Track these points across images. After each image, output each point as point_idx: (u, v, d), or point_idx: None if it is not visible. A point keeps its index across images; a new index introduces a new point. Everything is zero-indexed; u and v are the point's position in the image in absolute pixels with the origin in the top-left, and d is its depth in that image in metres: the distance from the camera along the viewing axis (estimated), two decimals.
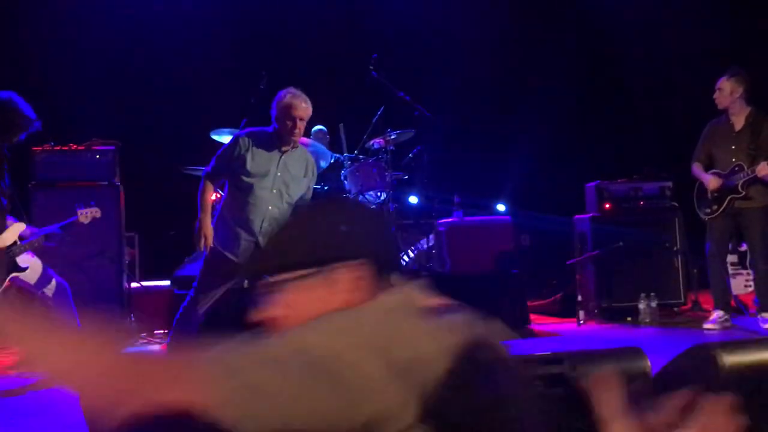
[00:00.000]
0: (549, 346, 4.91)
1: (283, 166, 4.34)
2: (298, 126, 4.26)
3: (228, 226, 4.31)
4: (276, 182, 4.31)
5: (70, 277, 4.74)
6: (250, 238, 4.28)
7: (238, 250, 4.29)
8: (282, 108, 4.24)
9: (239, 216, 4.29)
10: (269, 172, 4.29)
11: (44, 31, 7.71)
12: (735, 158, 5.27)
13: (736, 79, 5.29)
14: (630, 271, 6.07)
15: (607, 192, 6.27)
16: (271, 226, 4.27)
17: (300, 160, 4.45)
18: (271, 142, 4.33)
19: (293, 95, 4.26)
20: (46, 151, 5.57)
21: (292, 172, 4.38)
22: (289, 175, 4.36)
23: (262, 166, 4.28)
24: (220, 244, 4.32)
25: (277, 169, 4.32)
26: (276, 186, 4.31)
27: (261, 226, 4.28)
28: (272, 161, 4.30)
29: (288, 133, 4.25)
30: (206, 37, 8.15)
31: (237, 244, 4.28)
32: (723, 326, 5.30)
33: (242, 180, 4.28)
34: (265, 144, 4.32)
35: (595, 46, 9.02)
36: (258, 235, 4.29)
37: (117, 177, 5.72)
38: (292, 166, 4.38)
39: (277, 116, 4.28)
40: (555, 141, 8.71)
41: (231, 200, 4.36)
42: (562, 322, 6.12)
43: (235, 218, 4.29)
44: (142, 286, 6.26)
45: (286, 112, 4.23)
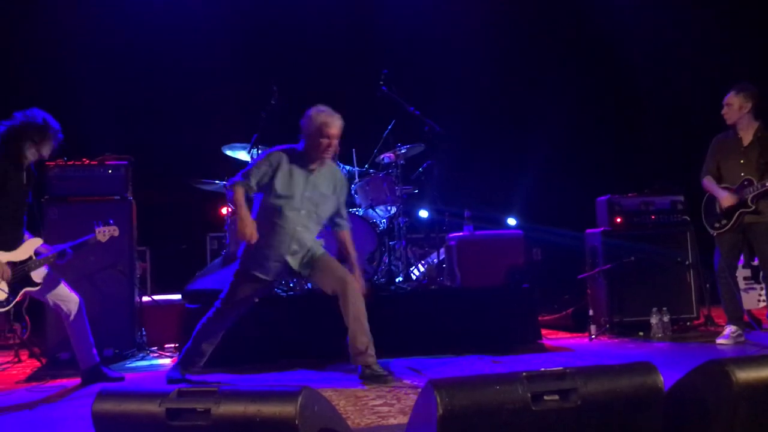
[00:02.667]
0: (560, 361, 4.88)
1: (312, 186, 4.32)
2: (333, 144, 4.23)
3: (258, 247, 4.27)
4: (304, 203, 4.30)
5: (82, 291, 4.76)
6: (280, 259, 4.32)
7: (269, 270, 4.34)
8: (316, 126, 4.19)
9: (268, 238, 4.27)
10: (297, 193, 4.27)
11: (58, 47, 7.80)
12: (744, 173, 5.25)
13: (744, 94, 5.28)
14: (642, 285, 6.04)
15: (618, 206, 6.25)
16: (299, 247, 4.30)
17: (328, 177, 4.40)
18: (301, 161, 4.30)
19: (327, 113, 4.22)
20: (59, 165, 5.61)
21: (321, 190, 4.36)
22: (318, 194, 4.34)
23: (291, 187, 4.26)
24: (250, 265, 4.34)
25: (305, 188, 4.30)
26: (305, 207, 4.31)
27: (290, 247, 4.30)
28: (300, 181, 4.28)
29: (322, 151, 4.22)
30: (218, 52, 8.22)
31: (267, 265, 4.32)
32: (736, 341, 5.26)
33: (271, 199, 4.29)
34: (294, 162, 4.28)
35: (606, 61, 9.03)
36: (286, 256, 4.32)
37: (129, 191, 5.75)
38: (320, 185, 4.35)
39: (310, 134, 4.23)
40: (566, 155, 8.72)
41: (261, 221, 4.30)
42: (574, 337, 6.09)
43: (264, 239, 4.24)
44: (153, 300, 6.28)
45: (320, 131, 4.19)
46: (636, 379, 2.36)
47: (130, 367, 5.36)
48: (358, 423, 3.30)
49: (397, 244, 6.31)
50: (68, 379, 4.78)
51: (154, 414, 2.31)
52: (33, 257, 4.43)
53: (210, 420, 2.26)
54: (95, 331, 4.70)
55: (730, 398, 2.35)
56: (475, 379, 2.34)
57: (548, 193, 8.60)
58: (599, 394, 2.31)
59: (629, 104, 9.28)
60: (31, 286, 4.41)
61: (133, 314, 5.72)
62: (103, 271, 5.55)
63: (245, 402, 2.26)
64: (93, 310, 5.03)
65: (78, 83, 7.71)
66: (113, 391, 2.43)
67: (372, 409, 3.58)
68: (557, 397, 2.30)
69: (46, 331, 5.45)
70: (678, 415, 2.50)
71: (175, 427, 2.29)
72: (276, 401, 2.23)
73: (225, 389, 2.31)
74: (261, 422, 2.22)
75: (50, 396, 4.33)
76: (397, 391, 4.00)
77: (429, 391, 2.24)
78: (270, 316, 5.37)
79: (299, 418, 2.19)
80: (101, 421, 2.37)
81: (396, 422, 3.29)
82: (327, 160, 4.34)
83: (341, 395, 3.93)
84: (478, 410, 2.21)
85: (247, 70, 8.33)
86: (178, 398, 2.33)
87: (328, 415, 2.44)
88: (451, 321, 5.46)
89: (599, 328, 5.99)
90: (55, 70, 7.79)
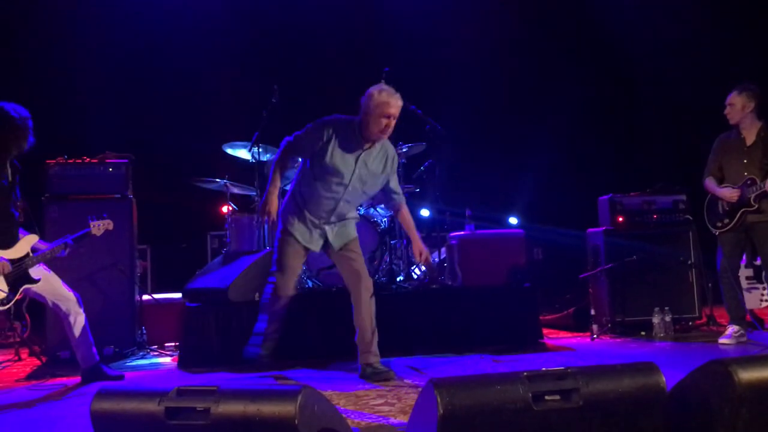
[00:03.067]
0: (562, 361, 4.87)
1: (362, 163, 4.30)
2: (391, 125, 4.19)
3: (300, 212, 4.37)
4: (353, 179, 4.30)
5: (83, 290, 4.75)
6: (321, 227, 4.41)
7: (309, 237, 4.39)
8: (377, 105, 4.14)
9: (311, 205, 4.35)
10: (347, 170, 4.27)
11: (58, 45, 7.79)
12: (747, 172, 5.24)
13: (747, 94, 5.27)
14: (644, 285, 6.03)
15: (620, 205, 6.23)
16: (338, 218, 4.38)
17: (380, 155, 4.37)
18: (355, 136, 4.26)
19: (389, 92, 4.18)
20: (59, 164, 5.60)
21: (371, 168, 4.35)
22: (367, 171, 4.33)
23: (342, 163, 4.24)
24: (289, 226, 4.39)
25: (356, 166, 4.28)
26: (352, 183, 4.31)
27: (330, 218, 4.37)
28: (352, 159, 4.26)
29: (380, 131, 4.19)
30: (219, 51, 8.21)
31: (308, 231, 4.40)
32: (738, 341, 5.25)
33: (319, 171, 4.27)
34: (348, 138, 4.25)
35: (608, 60, 9.01)
36: (326, 226, 4.38)
37: (129, 190, 5.74)
38: (371, 163, 4.34)
39: (369, 112, 4.17)
40: (568, 154, 8.70)
41: (305, 187, 4.36)
42: (576, 337, 6.07)
43: (307, 206, 4.34)
44: (154, 298, 6.27)
45: (381, 110, 4.13)
46: (638, 379, 2.34)
47: (130, 365, 5.35)
48: (358, 422, 3.29)
49: (398, 243, 6.30)
50: (68, 377, 4.77)
51: (153, 413, 2.29)
52: (30, 254, 4.41)
53: (209, 419, 2.25)
54: (95, 330, 4.69)
55: (732, 398, 2.33)
56: (475, 378, 2.32)
57: (550, 192, 8.59)
58: (601, 394, 2.30)
59: (632, 103, 9.27)
60: (29, 283, 4.40)
61: (133, 313, 5.72)
62: (103, 270, 5.55)
63: (245, 401, 2.24)
64: (93, 308, 5.03)
65: (79, 81, 7.71)
66: (112, 390, 2.41)
67: (372, 408, 3.57)
68: (558, 397, 2.29)
69: (46, 329, 5.44)
70: (680, 415, 2.48)
71: (174, 426, 2.28)
72: (276, 401, 2.22)
73: (224, 388, 2.30)
74: (260, 422, 2.20)
75: (50, 394, 4.32)
76: (398, 390, 3.99)
77: (430, 390, 2.22)
78: None
79: (299, 417, 2.17)
80: (100, 420, 2.36)
81: (396, 421, 3.28)
82: (383, 140, 4.31)
83: (341, 395, 3.92)
84: (479, 410, 2.20)
85: (248, 68, 8.33)
86: (178, 397, 2.31)
87: (328, 414, 2.43)
88: (452, 320, 5.45)
89: (601, 327, 5.98)
90: (56, 68, 7.79)
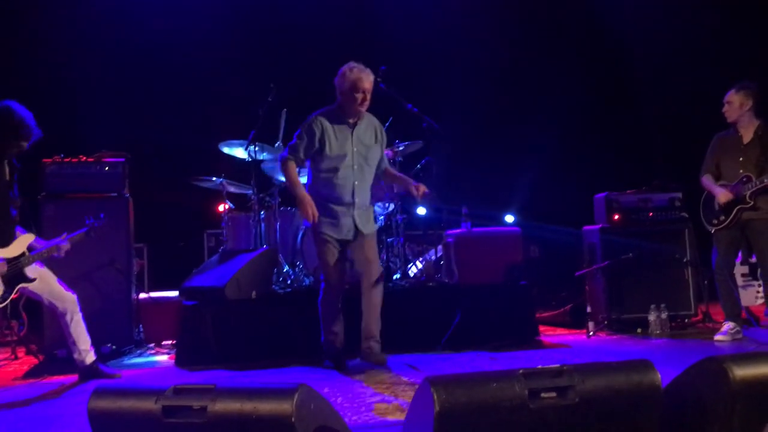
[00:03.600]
0: (558, 358, 4.88)
1: (357, 140, 4.62)
2: (367, 98, 4.53)
3: (324, 208, 4.58)
4: (355, 157, 4.60)
5: (80, 288, 4.75)
6: (348, 214, 4.61)
7: (339, 228, 4.62)
8: (350, 82, 4.48)
9: (332, 198, 4.59)
10: (348, 150, 4.58)
11: (55, 45, 7.77)
12: (743, 169, 5.26)
13: (745, 92, 5.29)
14: (640, 282, 6.04)
15: (616, 203, 6.24)
16: (360, 200, 4.58)
17: (369, 128, 4.71)
18: (340, 118, 4.60)
19: (359, 69, 4.52)
20: (56, 163, 5.59)
21: (366, 142, 4.67)
22: (363, 146, 4.65)
23: (341, 146, 4.56)
24: (321, 228, 4.60)
25: (353, 144, 4.60)
26: (356, 160, 4.61)
27: (352, 201, 4.61)
28: (347, 139, 4.59)
29: (358, 105, 4.51)
30: (216, 49, 8.19)
31: (336, 223, 4.60)
32: (734, 338, 5.27)
33: (326, 162, 4.57)
34: (336, 122, 4.59)
35: (604, 57, 9.02)
36: (353, 210, 4.62)
37: (126, 189, 5.74)
38: (364, 137, 4.66)
39: (344, 91, 4.52)
40: (564, 152, 8.70)
41: (319, 183, 4.64)
42: (572, 334, 6.08)
43: (329, 200, 4.59)
44: (151, 297, 6.27)
45: (354, 86, 4.48)
46: (633, 376, 2.36)
47: (127, 363, 5.35)
48: (355, 420, 3.30)
49: (394, 241, 6.30)
50: (65, 376, 4.77)
51: (150, 411, 2.30)
52: (26, 253, 4.41)
53: (206, 417, 2.25)
54: (93, 328, 4.69)
55: (727, 395, 2.35)
56: (472, 376, 2.33)
57: (546, 190, 8.59)
58: (597, 391, 2.31)
59: (628, 101, 9.27)
60: (25, 282, 4.40)
61: (130, 311, 5.71)
62: (100, 268, 5.53)
63: (242, 399, 2.25)
64: (90, 307, 5.02)
65: (75, 80, 7.69)
66: (109, 389, 2.42)
67: (369, 406, 3.58)
68: (554, 394, 2.30)
69: (44, 328, 5.44)
70: (675, 411, 2.50)
71: (170, 424, 2.28)
72: (272, 398, 2.22)
73: (221, 386, 2.30)
74: (257, 419, 2.21)
75: (47, 393, 4.32)
76: (395, 388, 4.00)
77: (426, 388, 2.23)
78: (267, 313, 5.37)
79: (296, 415, 2.18)
80: (97, 419, 2.36)
81: (393, 419, 3.29)
82: (363, 113, 4.62)
83: (339, 392, 3.92)
84: (475, 407, 2.21)
85: (244, 66, 8.32)
86: (174, 395, 2.32)
87: (325, 412, 2.44)
88: (448, 318, 5.45)
89: (597, 324, 5.99)
90: (52, 66, 7.76)
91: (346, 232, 4.63)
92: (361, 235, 4.67)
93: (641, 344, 5.40)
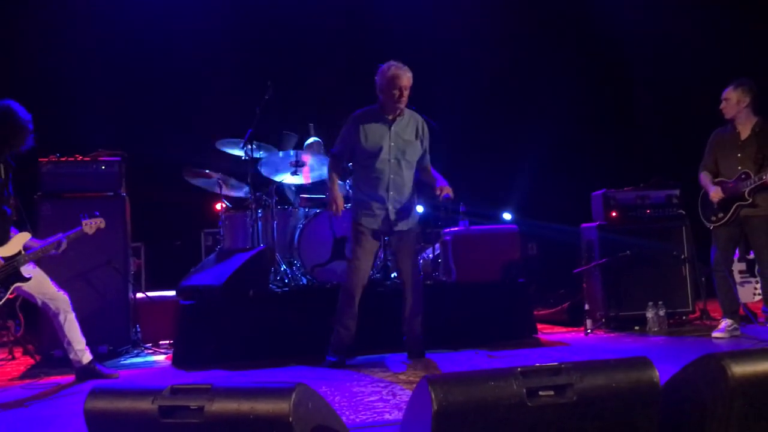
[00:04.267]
0: (556, 356, 4.88)
1: (395, 135, 4.75)
2: (404, 95, 4.68)
3: (362, 201, 4.79)
4: (392, 151, 4.74)
5: (76, 288, 4.74)
6: (382, 207, 4.76)
7: (373, 219, 4.77)
8: (388, 80, 4.66)
9: (368, 190, 4.76)
10: (384, 145, 4.72)
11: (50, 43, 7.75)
12: (741, 166, 5.26)
13: (742, 89, 5.29)
14: (637, 279, 6.04)
15: (613, 200, 6.25)
16: (397, 193, 4.76)
17: (409, 124, 4.84)
18: (378, 115, 4.77)
19: (397, 67, 4.69)
20: (52, 162, 5.58)
21: (405, 138, 4.79)
22: (402, 141, 4.77)
23: (376, 142, 4.72)
24: (358, 216, 4.79)
25: (390, 139, 4.73)
26: (393, 154, 4.74)
27: (388, 193, 4.75)
28: (384, 134, 4.74)
29: (395, 101, 4.67)
30: (211, 48, 8.18)
31: (372, 213, 4.76)
32: (732, 335, 5.27)
33: (363, 155, 4.75)
34: (374, 119, 4.76)
35: (602, 55, 9.01)
36: (387, 203, 4.76)
37: (123, 188, 5.72)
38: (403, 133, 4.79)
39: (383, 88, 4.70)
40: (561, 150, 8.71)
41: (358, 179, 4.84)
42: (570, 332, 6.09)
43: (366, 193, 4.77)
44: (148, 296, 6.25)
45: (392, 83, 4.65)
46: (632, 374, 2.35)
47: (124, 364, 5.34)
48: (353, 419, 3.29)
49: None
50: (62, 376, 4.76)
51: (146, 411, 2.28)
52: (22, 252, 4.40)
53: (203, 417, 2.24)
54: (90, 328, 4.68)
55: (725, 392, 2.34)
56: (469, 374, 2.32)
57: (543, 188, 8.59)
58: (595, 389, 2.30)
59: (625, 98, 9.27)
60: (21, 281, 4.39)
61: (127, 311, 5.69)
62: (97, 268, 5.52)
63: (239, 399, 2.24)
64: (87, 307, 5.01)
65: (71, 79, 7.66)
66: (105, 389, 2.40)
67: (367, 405, 3.57)
68: (553, 392, 2.28)
69: (40, 328, 5.42)
70: (674, 409, 2.49)
71: (168, 424, 2.27)
72: (270, 398, 2.21)
73: (218, 386, 2.29)
74: (255, 419, 2.19)
75: (44, 393, 4.31)
76: (393, 387, 3.99)
77: (424, 386, 2.22)
78: (265, 312, 5.36)
79: (293, 414, 2.17)
80: (94, 419, 2.35)
81: (391, 418, 3.28)
82: (402, 109, 4.75)
83: (336, 391, 3.92)
84: (473, 406, 2.20)
85: (241, 65, 8.30)
86: (171, 395, 2.30)
87: (322, 411, 2.43)
88: (446, 316, 5.45)
89: (595, 322, 5.99)
90: (48, 65, 7.74)
91: (381, 225, 4.76)
92: (398, 232, 4.82)
93: (639, 342, 5.40)
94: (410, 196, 4.87)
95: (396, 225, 4.79)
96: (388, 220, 4.77)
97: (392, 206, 4.76)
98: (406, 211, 4.85)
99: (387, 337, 5.00)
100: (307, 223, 5.89)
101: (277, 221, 6.02)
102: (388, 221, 4.77)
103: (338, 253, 5.84)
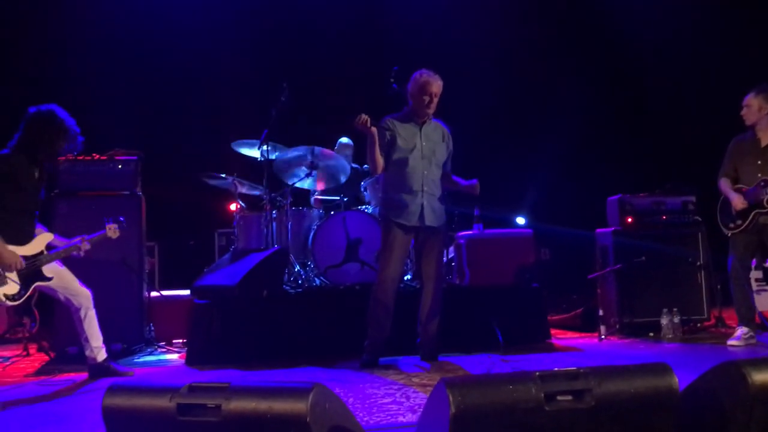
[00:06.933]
0: (570, 361, 4.85)
1: (425, 136, 4.98)
2: (434, 101, 4.91)
3: (396, 198, 4.91)
4: (424, 150, 4.95)
5: (91, 286, 4.75)
6: (416, 202, 4.89)
7: (409, 215, 4.88)
8: (419, 86, 4.90)
9: (402, 186, 4.90)
10: (417, 143, 4.94)
11: (68, 43, 7.81)
12: (761, 173, 5.21)
13: (764, 95, 5.25)
14: (652, 286, 6.01)
15: (629, 206, 6.22)
16: (430, 189, 4.92)
17: (436, 129, 5.08)
18: (410, 118, 5.01)
19: (428, 74, 4.92)
20: (69, 160, 5.60)
21: (434, 139, 5.02)
22: (431, 142, 4.99)
23: (410, 140, 4.94)
24: (391, 214, 4.91)
25: (422, 139, 4.96)
26: (425, 154, 4.95)
27: (422, 189, 4.90)
28: (416, 134, 4.97)
29: (425, 107, 4.90)
30: (228, 49, 8.21)
31: (406, 210, 4.89)
32: (747, 343, 5.23)
33: (397, 156, 4.92)
34: (406, 120, 5.00)
35: (617, 60, 8.98)
36: (422, 198, 4.89)
37: (138, 187, 5.75)
38: (431, 135, 5.02)
39: (414, 93, 4.93)
40: (577, 154, 8.67)
41: (392, 176, 4.97)
42: (583, 337, 6.05)
43: (400, 189, 4.91)
44: (162, 295, 6.28)
45: (423, 89, 4.88)
46: (651, 380, 2.33)
47: (138, 362, 5.36)
48: (367, 420, 3.29)
49: None
50: (76, 373, 4.78)
51: (164, 409, 2.29)
52: (44, 251, 4.44)
53: (220, 416, 2.24)
54: (104, 326, 4.70)
55: (745, 400, 2.32)
56: (487, 377, 2.32)
57: (558, 192, 8.56)
58: (613, 394, 2.29)
59: (641, 104, 9.22)
60: (42, 281, 4.42)
61: (141, 309, 5.72)
62: (112, 267, 5.54)
63: (256, 398, 2.24)
64: (102, 305, 5.02)
65: (89, 78, 7.71)
66: (124, 386, 2.41)
67: (381, 407, 3.57)
68: (571, 397, 2.27)
69: (55, 325, 5.46)
70: (692, 416, 2.47)
71: (185, 422, 2.27)
72: (287, 398, 2.21)
73: (236, 385, 2.30)
74: (272, 418, 2.20)
75: (59, 390, 4.33)
76: (407, 389, 3.98)
77: (441, 389, 2.21)
78: (280, 313, 5.38)
79: (310, 415, 2.17)
80: (112, 416, 2.36)
81: (405, 420, 3.28)
82: (430, 115, 4.98)
83: (350, 393, 3.91)
84: (491, 409, 2.19)
85: (257, 66, 8.33)
86: (189, 393, 2.31)
87: (339, 412, 2.42)
88: (459, 319, 5.44)
89: (609, 328, 5.96)
90: (67, 65, 7.80)
91: (413, 218, 4.87)
92: (427, 229, 4.91)
93: (653, 348, 5.37)
94: (441, 195, 5.02)
95: (428, 219, 4.90)
96: (422, 215, 4.89)
97: (426, 201, 4.89)
98: (439, 209, 4.99)
99: (400, 339, 4.99)
100: (321, 225, 5.89)
101: (291, 222, 6.03)
102: (421, 216, 4.89)
103: (352, 254, 5.84)
